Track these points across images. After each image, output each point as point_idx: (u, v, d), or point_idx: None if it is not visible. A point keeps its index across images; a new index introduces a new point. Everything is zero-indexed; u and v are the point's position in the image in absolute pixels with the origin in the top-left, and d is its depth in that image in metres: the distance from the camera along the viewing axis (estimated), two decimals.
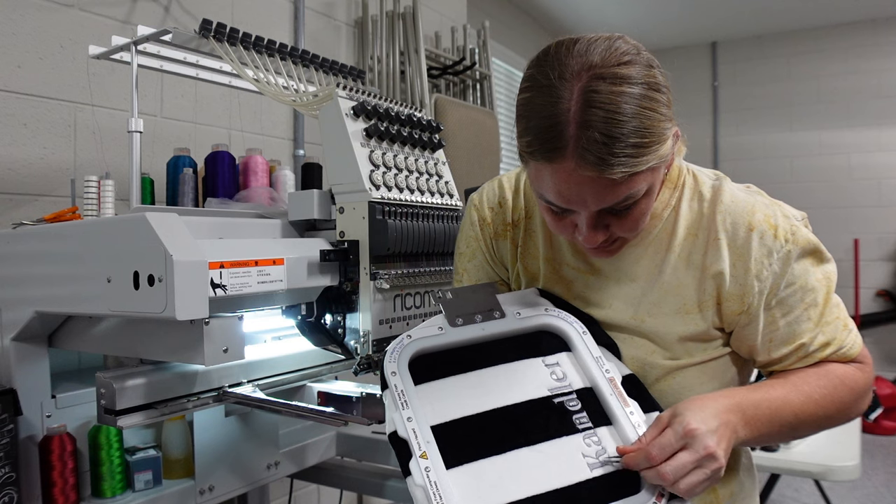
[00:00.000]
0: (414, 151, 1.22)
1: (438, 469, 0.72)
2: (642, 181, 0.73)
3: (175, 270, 0.84)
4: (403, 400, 0.77)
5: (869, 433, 3.97)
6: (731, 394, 0.77)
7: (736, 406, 0.75)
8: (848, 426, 1.99)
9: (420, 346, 0.83)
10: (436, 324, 0.85)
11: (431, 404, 0.78)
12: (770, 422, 0.78)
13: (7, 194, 1.55)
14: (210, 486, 1.29)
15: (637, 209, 0.76)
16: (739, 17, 4.75)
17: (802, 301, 0.82)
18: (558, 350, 0.85)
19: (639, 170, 0.71)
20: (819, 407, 0.81)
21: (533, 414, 0.78)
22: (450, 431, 0.76)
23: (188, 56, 1.41)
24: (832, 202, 4.91)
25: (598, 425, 0.77)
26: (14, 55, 1.57)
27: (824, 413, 0.81)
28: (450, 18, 3.07)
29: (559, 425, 0.77)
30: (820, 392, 0.81)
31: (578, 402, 0.79)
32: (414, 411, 0.76)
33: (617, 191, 0.72)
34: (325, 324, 1.17)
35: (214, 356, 0.93)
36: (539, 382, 0.81)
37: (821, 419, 0.81)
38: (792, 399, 0.79)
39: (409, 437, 0.74)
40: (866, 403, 0.86)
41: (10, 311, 1.14)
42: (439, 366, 0.82)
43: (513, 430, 0.76)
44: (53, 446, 1.13)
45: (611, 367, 0.81)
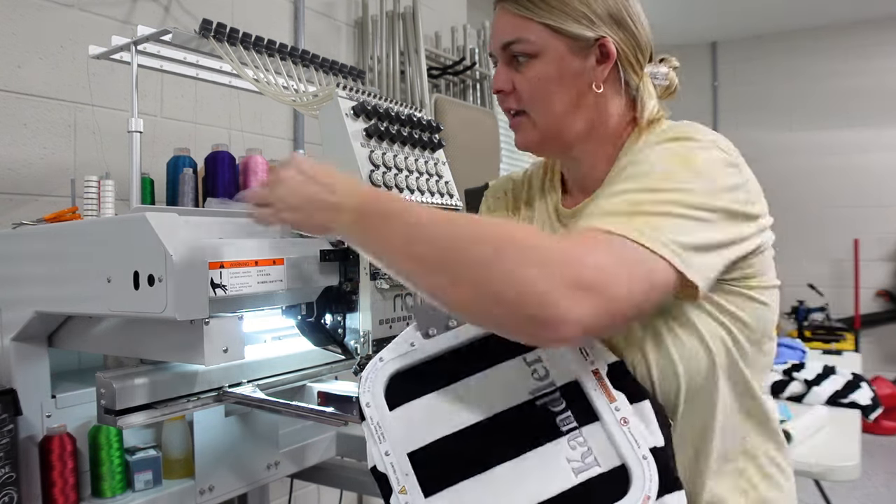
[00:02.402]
0: (414, 151, 1.22)
1: (417, 501, 0.71)
2: (534, 33, 0.84)
3: (175, 270, 0.84)
4: (380, 433, 0.76)
5: (869, 433, 3.97)
6: (354, 181, 0.79)
7: (353, 188, 0.75)
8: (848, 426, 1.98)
9: (393, 368, 0.81)
10: (408, 339, 0.82)
11: (409, 429, 0.76)
12: (384, 218, 0.70)
13: (7, 194, 1.55)
14: (210, 486, 1.29)
15: (532, 69, 0.85)
16: (739, 17, 4.75)
17: (636, 168, 0.74)
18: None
19: (531, 15, 0.83)
20: (448, 223, 0.67)
21: (514, 422, 0.75)
22: (428, 456, 0.75)
23: (188, 56, 1.41)
24: (832, 202, 4.91)
25: (583, 424, 0.74)
26: (14, 55, 1.57)
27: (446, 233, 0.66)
28: (450, 18, 3.07)
29: (542, 431, 0.74)
30: (458, 215, 0.73)
31: (563, 401, 0.76)
32: (391, 441, 0.75)
33: (507, 24, 0.86)
34: (325, 324, 1.17)
35: (214, 356, 0.93)
36: (520, 385, 0.78)
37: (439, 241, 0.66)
38: (421, 210, 0.70)
39: (388, 472, 0.73)
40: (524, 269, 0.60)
41: (10, 311, 1.14)
42: (415, 384, 0.80)
43: (493, 443, 0.74)
44: (53, 446, 1.13)
45: (595, 355, 0.77)
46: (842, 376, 2.23)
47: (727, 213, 0.72)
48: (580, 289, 0.59)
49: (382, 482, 0.74)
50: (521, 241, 0.63)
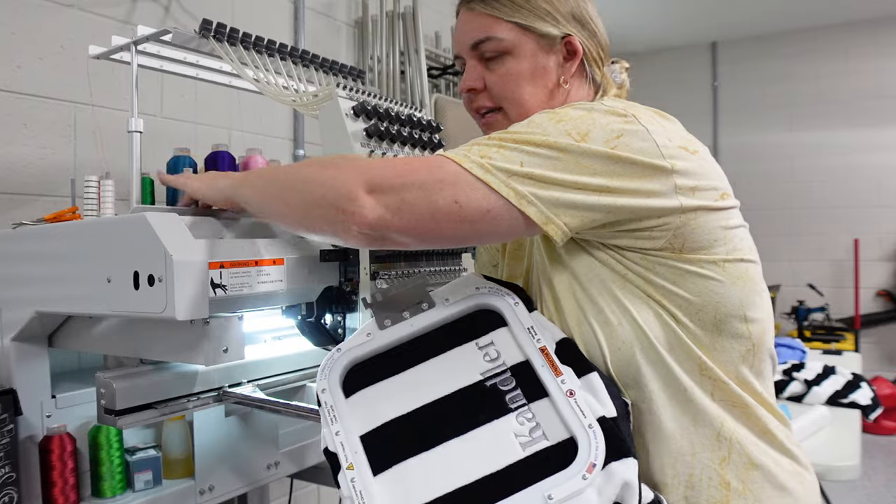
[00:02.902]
0: (414, 151, 1.21)
1: (365, 478, 0.72)
2: (504, 31, 0.88)
3: (175, 270, 0.84)
4: (333, 415, 0.78)
5: (869, 433, 3.97)
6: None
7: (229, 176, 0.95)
8: (848, 426, 1.99)
9: (351, 357, 0.84)
10: (365, 330, 0.85)
11: (362, 414, 0.78)
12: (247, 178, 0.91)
13: (7, 194, 1.55)
14: (210, 486, 1.29)
15: (504, 66, 0.89)
16: (739, 17, 4.75)
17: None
18: (495, 327, 0.82)
19: (500, 14, 0.87)
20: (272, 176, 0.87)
21: (463, 403, 0.77)
22: (378, 437, 0.76)
23: (188, 56, 1.41)
24: (832, 202, 4.91)
25: (532, 400, 0.75)
26: (14, 55, 1.57)
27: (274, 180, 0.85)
28: (450, 18, 3.07)
29: (490, 409, 0.75)
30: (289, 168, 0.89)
31: (512, 380, 0.77)
32: (343, 424, 0.77)
33: (476, 24, 0.89)
34: (325, 324, 1.17)
35: (214, 356, 0.93)
36: (471, 368, 0.79)
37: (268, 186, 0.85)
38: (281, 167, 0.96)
39: (338, 450, 0.75)
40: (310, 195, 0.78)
41: (10, 311, 1.14)
42: (372, 372, 0.82)
43: (442, 423, 0.75)
44: (53, 446, 1.13)
45: (543, 335, 0.78)
46: (842, 376, 2.23)
47: (596, 155, 0.73)
48: (376, 190, 0.72)
49: (333, 461, 0.76)
50: (342, 160, 0.81)
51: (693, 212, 0.75)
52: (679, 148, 0.76)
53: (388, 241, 0.75)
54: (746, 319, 0.79)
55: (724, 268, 0.78)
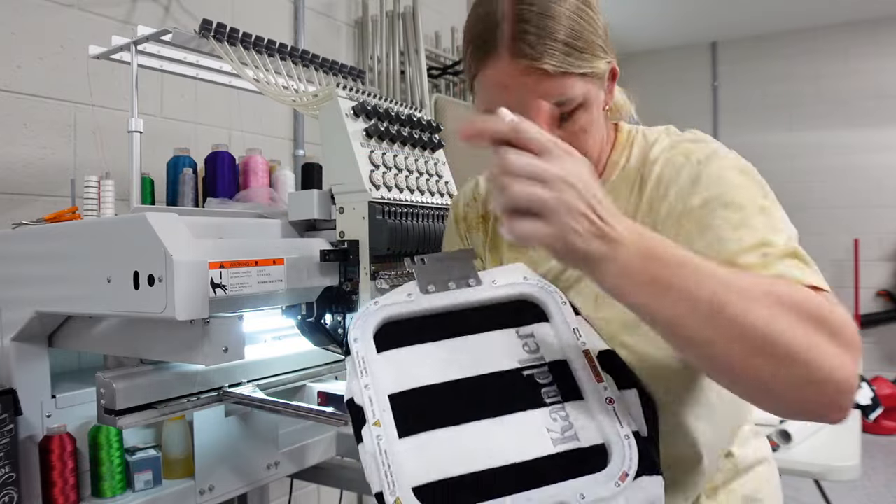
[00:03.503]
0: (414, 151, 1.22)
1: (391, 438, 0.69)
2: (577, 86, 0.74)
3: (175, 270, 0.84)
4: (363, 367, 0.74)
5: (869, 433, 3.97)
6: (632, 223, 0.61)
7: (634, 227, 0.60)
8: (848, 426, 1.99)
9: (387, 314, 0.79)
10: (406, 290, 0.81)
11: (393, 373, 0.75)
12: (678, 269, 0.58)
13: (7, 194, 1.55)
14: (210, 486, 1.29)
15: (576, 123, 0.77)
16: (739, 17, 4.75)
17: (716, 213, 0.72)
18: (535, 321, 0.80)
19: (571, 69, 0.73)
20: (765, 294, 0.58)
21: (498, 386, 0.74)
22: (408, 400, 0.73)
23: (188, 56, 1.41)
24: (832, 202, 4.91)
25: (567, 400, 0.73)
26: (14, 55, 1.57)
27: (769, 307, 0.57)
28: (450, 18, 3.07)
29: (525, 398, 0.73)
30: (768, 281, 0.61)
31: (549, 376, 0.75)
32: (373, 379, 0.73)
33: (550, 85, 0.73)
34: (325, 324, 1.17)
35: (214, 356, 0.93)
36: (510, 354, 0.77)
37: (765, 314, 0.57)
38: (720, 270, 0.59)
39: (365, 405, 0.72)
40: (826, 350, 0.57)
41: (10, 311, 1.14)
42: (406, 334, 0.79)
43: (475, 401, 0.73)
44: (53, 446, 1.13)
45: (588, 339, 0.77)
46: None
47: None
48: (856, 363, 0.59)
49: (357, 414, 0.73)
50: (820, 313, 0.58)
51: None
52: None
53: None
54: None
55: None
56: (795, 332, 0.57)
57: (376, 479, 0.67)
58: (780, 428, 1.83)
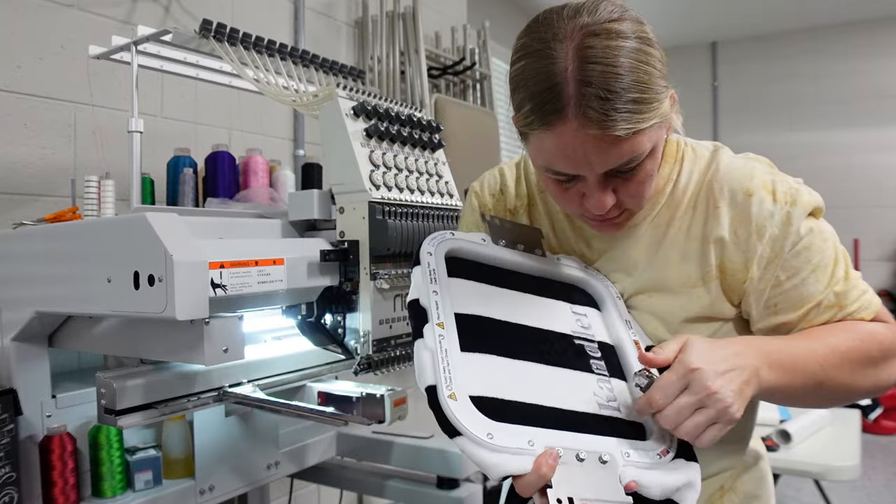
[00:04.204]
0: (414, 151, 1.22)
1: (451, 342, 0.69)
2: (646, 140, 0.71)
3: (175, 270, 0.84)
4: (433, 277, 0.75)
5: (869, 433, 3.97)
6: (749, 339, 0.73)
7: (755, 348, 0.69)
8: (848, 426, 1.99)
9: (460, 246, 0.81)
10: (480, 235, 0.85)
11: (459, 296, 0.76)
12: (794, 369, 0.71)
13: (7, 194, 1.55)
14: (210, 486, 1.29)
15: (643, 171, 0.74)
16: (739, 17, 4.75)
17: (809, 262, 0.78)
18: (590, 305, 0.85)
19: (642, 126, 0.69)
20: (845, 359, 0.74)
21: (553, 341, 0.77)
22: (471, 323, 0.74)
23: (188, 56, 1.41)
24: (832, 202, 4.87)
25: (613, 376, 0.76)
26: (14, 55, 1.57)
27: (850, 368, 0.75)
28: (450, 18, 3.07)
29: (577, 360, 0.76)
30: (846, 344, 0.75)
31: (599, 352, 0.79)
32: (441, 290, 0.74)
33: (621, 149, 0.70)
34: (325, 324, 1.17)
35: (214, 356, 0.93)
36: (565, 322, 0.80)
37: (847, 375, 0.75)
38: (816, 348, 0.73)
39: (430, 308, 0.71)
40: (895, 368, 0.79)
41: (10, 311, 1.14)
42: (474, 271, 0.81)
43: (532, 345, 0.75)
44: (53, 446, 1.13)
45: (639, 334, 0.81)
46: None
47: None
48: None
49: (418, 312, 0.72)
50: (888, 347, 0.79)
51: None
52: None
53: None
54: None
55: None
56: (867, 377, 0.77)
57: (430, 374, 0.66)
58: (780, 428, 1.83)
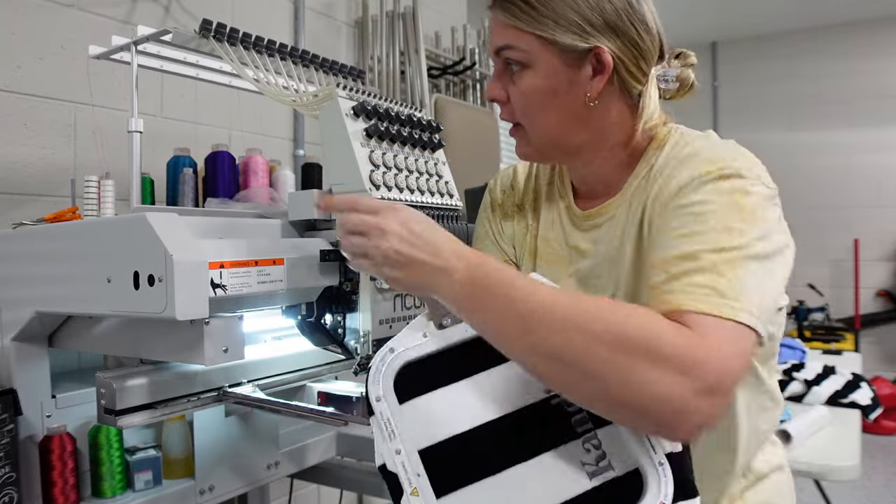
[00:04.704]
0: (414, 151, 1.22)
1: (429, 502, 0.69)
2: (524, 42, 0.81)
3: (175, 270, 0.84)
4: (390, 430, 0.73)
5: (869, 433, 3.97)
6: (466, 249, 0.71)
7: (462, 257, 0.69)
8: (848, 426, 1.98)
9: (405, 360, 0.77)
10: (420, 329, 0.79)
11: (420, 424, 0.73)
12: (492, 298, 0.66)
13: (7, 194, 1.55)
14: (210, 486, 1.29)
15: (523, 81, 0.83)
16: (739, 17, 4.75)
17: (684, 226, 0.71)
18: None
19: (520, 24, 0.80)
20: (581, 329, 0.62)
21: (530, 422, 0.73)
22: (441, 454, 0.72)
23: (188, 56, 1.41)
24: (832, 202, 4.91)
25: (598, 426, 0.72)
26: (14, 55, 1.57)
27: (583, 340, 0.62)
28: (450, 18, 3.07)
29: (558, 431, 0.72)
30: (597, 315, 0.62)
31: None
32: (402, 438, 0.72)
33: (500, 34, 0.83)
34: (325, 324, 1.17)
35: (214, 356, 0.93)
36: (535, 382, 0.74)
37: (574, 347, 0.62)
38: (545, 298, 0.64)
39: (399, 472, 0.71)
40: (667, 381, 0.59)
41: (10, 311, 1.14)
42: (428, 376, 0.76)
43: (508, 443, 0.72)
44: (53, 446, 1.13)
45: None
46: (842, 376, 2.23)
47: (781, 250, 0.73)
48: (709, 394, 0.59)
49: (392, 482, 0.72)
50: (646, 341, 0.60)
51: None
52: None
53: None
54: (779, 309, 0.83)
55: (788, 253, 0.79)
56: (603, 358, 0.61)
57: None
58: (780, 428, 1.83)
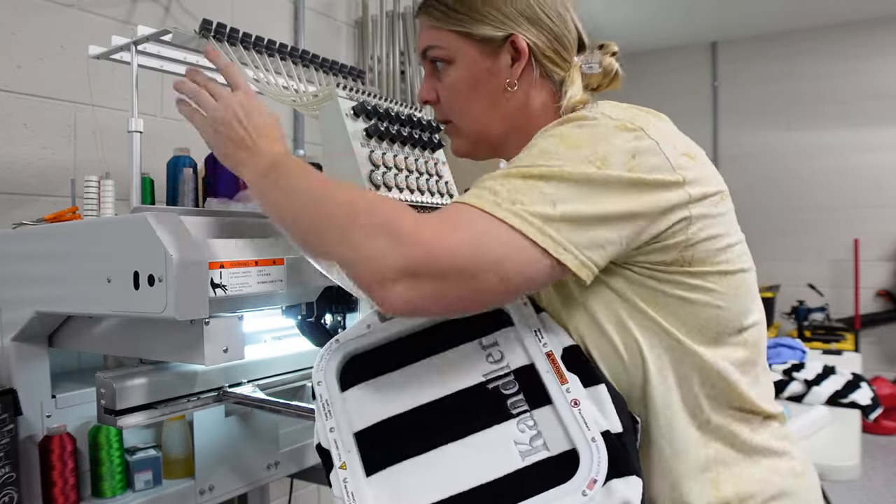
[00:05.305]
0: (414, 151, 1.22)
1: (358, 478, 0.71)
2: (444, 40, 0.87)
3: (175, 270, 0.84)
4: (328, 409, 0.76)
5: (869, 433, 3.97)
6: (277, 143, 0.89)
7: (274, 152, 0.86)
8: (848, 426, 1.99)
9: (349, 349, 0.81)
10: (365, 322, 0.83)
11: (358, 410, 0.76)
12: (286, 186, 0.79)
13: (7, 194, 1.55)
14: (210, 486, 1.29)
15: (448, 77, 0.88)
16: (739, 17, 4.75)
17: (524, 152, 0.74)
18: (500, 326, 0.79)
19: (440, 24, 0.87)
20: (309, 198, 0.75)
21: (464, 405, 0.74)
22: (374, 435, 0.74)
23: (188, 56, 1.41)
24: (832, 202, 4.91)
25: (535, 407, 0.72)
26: (14, 55, 1.57)
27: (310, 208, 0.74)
28: None
29: (491, 413, 0.72)
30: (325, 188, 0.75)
31: (515, 384, 0.74)
32: (338, 420, 0.75)
33: (424, 35, 0.90)
34: (325, 324, 1.17)
35: (214, 356, 0.93)
36: (473, 368, 0.76)
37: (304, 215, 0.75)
38: (315, 185, 0.77)
39: (331, 448, 0.73)
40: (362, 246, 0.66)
41: (10, 311, 1.14)
42: (370, 366, 0.80)
43: (441, 425, 0.73)
44: (53, 446, 1.13)
45: (550, 339, 0.76)
46: (842, 376, 2.23)
47: (619, 182, 0.69)
48: (414, 276, 0.63)
49: (326, 458, 0.74)
50: (380, 214, 0.67)
51: (702, 219, 0.74)
52: (683, 156, 0.75)
53: (423, 316, 0.77)
54: (745, 328, 0.78)
55: (727, 279, 0.76)
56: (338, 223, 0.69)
57: None
58: None
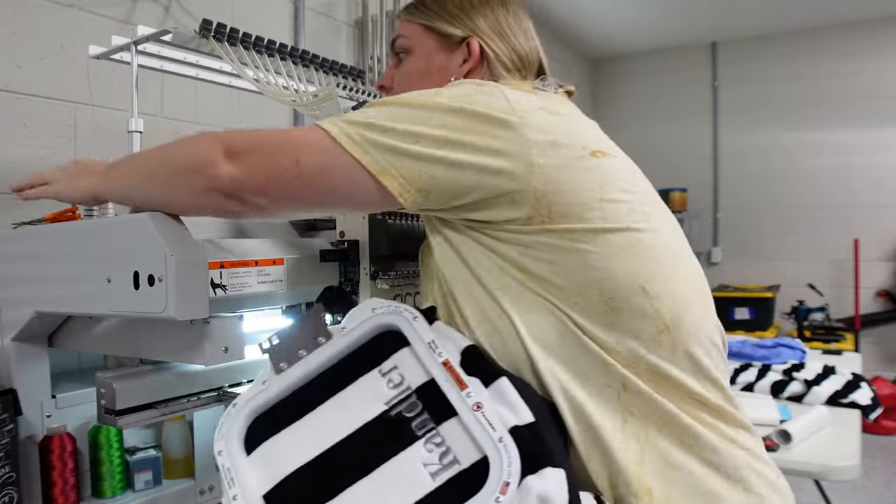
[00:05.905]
0: None
1: None
2: (411, 31, 0.95)
3: (175, 270, 0.84)
4: (230, 478, 0.75)
5: (869, 433, 3.97)
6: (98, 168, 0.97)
7: (95, 174, 0.95)
8: (848, 426, 1.98)
9: (249, 410, 0.79)
10: (261, 378, 0.81)
11: (264, 470, 0.74)
12: (127, 178, 0.89)
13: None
14: (210, 486, 1.29)
15: (406, 64, 0.95)
16: (739, 17, 4.75)
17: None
18: (398, 348, 0.77)
19: (413, 18, 0.94)
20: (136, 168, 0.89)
21: (369, 438, 0.72)
22: (282, 493, 0.72)
23: (188, 56, 1.41)
24: (832, 202, 4.91)
25: (440, 422, 0.70)
26: (14, 55, 1.57)
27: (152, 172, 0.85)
28: None
29: (395, 441, 0.70)
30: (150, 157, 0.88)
31: (418, 404, 0.72)
32: (242, 487, 0.73)
33: (398, 28, 0.97)
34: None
35: (214, 356, 0.93)
36: (374, 399, 0.74)
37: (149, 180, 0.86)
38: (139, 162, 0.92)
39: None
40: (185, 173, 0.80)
41: (10, 311, 1.14)
42: (273, 421, 0.78)
43: (347, 464, 0.71)
44: (53, 446, 1.13)
45: (445, 346, 0.74)
46: (842, 376, 2.23)
47: (439, 108, 0.73)
48: (232, 154, 0.76)
49: None
50: (203, 133, 0.80)
51: (555, 170, 0.71)
52: (538, 109, 0.74)
53: (248, 204, 0.79)
54: (647, 294, 0.71)
55: (604, 238, 0.71)
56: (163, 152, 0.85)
57: None
58: (780, 428, 1.83)
